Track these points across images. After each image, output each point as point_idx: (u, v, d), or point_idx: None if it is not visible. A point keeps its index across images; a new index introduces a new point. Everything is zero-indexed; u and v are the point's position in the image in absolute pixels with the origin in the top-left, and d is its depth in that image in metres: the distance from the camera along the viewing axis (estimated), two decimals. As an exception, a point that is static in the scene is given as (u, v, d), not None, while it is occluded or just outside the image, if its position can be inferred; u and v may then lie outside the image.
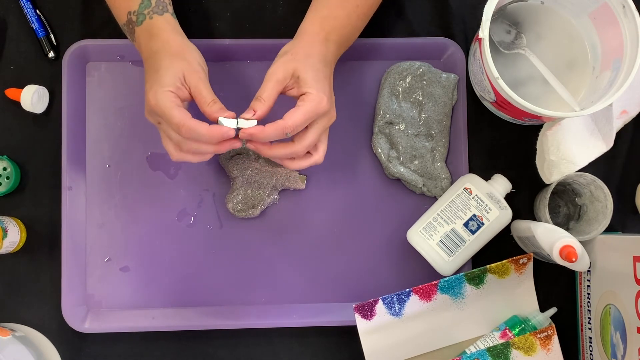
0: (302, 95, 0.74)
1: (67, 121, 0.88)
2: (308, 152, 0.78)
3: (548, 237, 0.77)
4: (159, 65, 0.74)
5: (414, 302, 0.84)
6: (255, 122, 0.73)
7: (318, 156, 0.78)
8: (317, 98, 0.73)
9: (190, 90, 0.74)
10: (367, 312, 0.84)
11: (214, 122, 0.73)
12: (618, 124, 0.88)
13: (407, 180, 0.89)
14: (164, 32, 0.76)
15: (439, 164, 0.89)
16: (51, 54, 0.90)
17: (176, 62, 0.74)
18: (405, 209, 0.90)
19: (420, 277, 0.89)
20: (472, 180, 0.86)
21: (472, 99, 0.91)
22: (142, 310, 0.89)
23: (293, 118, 0.72)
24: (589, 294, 0.87)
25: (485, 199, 0.85)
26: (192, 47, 0.78)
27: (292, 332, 0.89)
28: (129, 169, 0.90)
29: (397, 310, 0.84)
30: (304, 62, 0.75)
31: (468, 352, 0.84)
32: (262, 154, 0.77)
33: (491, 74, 0.77)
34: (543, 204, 0.85)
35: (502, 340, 0.83)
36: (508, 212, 0.86)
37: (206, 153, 0.75)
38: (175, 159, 0.76)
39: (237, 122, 0.73)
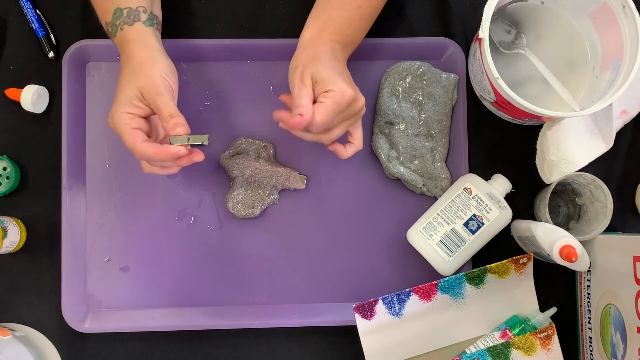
0: (324, 92, 0.73)
1: (67, 121, 0.88)
2: (349, 142, 0.80)
3: (548, 237, 0.77)
4: (121, 83, 0.75)
5: (414, 302, 0.84)
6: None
7: (357, 142, 0.80)
8: (339, 91, 0.72)
9: (150, 106, 0.74)
10: (367, 312, 0.84)
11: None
12: (618, 124, 0.88)
13: (407, 180, 0.89)
14: (130, 44, 0.76)
15: (439, 164, 0.89)
16: (51, 54, 0.90)
17: (135, 79, 0.74)
18: (405, 209, 0.90)
19: (420, 277, 0.89)
20: (472, 180, 0.86)
21: (472, 99, 0.91)
22: (142, 310, 0.89)
23: (320, 114, 0.72)
24: (589, 294, 0.87)
25: (485, 199, 0.85)
26: (156, 58, 0.76)
27: (292, 332, 0.89)
28: (129, 169, 0.90)
29: (397, 310, 0.84)
30: (315, 64, 0.74)
31: (468, 352, 0.84)
32: (341, 155, 0.79)
33: (491, 74, 0.77)
34: (543, 204, 0.85)
35: (502, 340, 0.83)
36: (508, 212, 0.86)
37: (170, 167, 0.77)
38: (146, 171, 0.78)
39: (188, 139, 0.74)
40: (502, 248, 0.89)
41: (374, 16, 0.83)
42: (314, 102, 0.74)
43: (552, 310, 0.86)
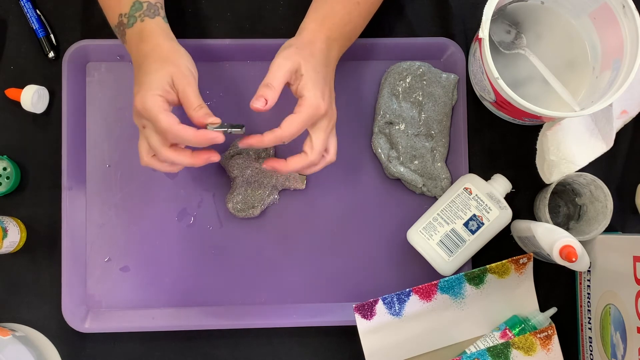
0: (300, 98, 0.74)
1: (67, 121, 0.88)
2: (304, 152, 0.78)
3: (548, 237, 0.77)
4: (149, 69, 0.74)
5: (414, 302, 0.84)
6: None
7: (330, 156, 0.79)
8: (314, 104, 0.73)
9: (178, 94, 0.74)
10: (367, 312, 0.84)
11: (200, 127, 0.73)
12: (618, 124, 0.88)
13: (407, 180, 0.89)
14: (155, 35, 0.76)
15: (439, 164, 0.89)
16: (51, 54, 0.90)
17: (165, 66, 0.74)
18: (405, 209, 0.90)
19: (420, 277, 0.89)
20: (472, 180, 0.86)
21: (472, 99, 0.91)
22: (142, 310, 0.89)
23: (290, 128, 0.73)
24: (589, 294, 0.87)
25: (485, 199, 0.85)
26: (182, 51, 0.77)
27: (292, 332, 0.89)
28: (129, 169, 0.90)
29: (397, 310, 0.84)
30: (307, 60, 0.75)
31: (468, 352, 0.84)
32: (281, 172, 0.77)
33: (491, 74, 0.77)
34: (543, 204, 0.85)
35: (502, 340, 0.83)
36: (508, 212, 0.86)
37: (180, 165, 0.75)
38: (143, 163, 0.76)
39: (228, 126, 0.74)
40: (502, 248, 0.89)
41: (371, 14, 0.83)
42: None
43: (552, 310, 0.86)
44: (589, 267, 0.83)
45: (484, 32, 0.77)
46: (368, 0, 0.81)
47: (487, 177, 0.87)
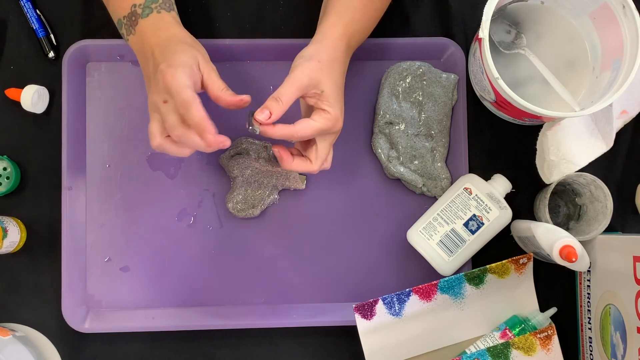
0: (320, 109, 0.75)
1: (67, 121, 0.88)
2: (307, 157, 0.80)
3: (548, 237, 0.77)
4: (176, 49, 0.74)
5: (414, 302, 0.84)
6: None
7: (327, 164, 0.81)
8: (334, 118, 0.75)
9: (203, 78, 0.74)
10: (367, 312, 0.84)
11: (229, 108, 0.74)
12: (618, 124, 0.88)
13: (407, 180, 0.89)
14: (174, 25, 0.78)
15: (439, 164, 0.89)
16: (51, 54, 0.90)
17: (191, 49, 0.75)
18: (405, 209, 0.90)
19: (420, 277, 0.89)
20: (472, 180, 0.86)
21: (472, 99, 0.91)
22: (142, 310, 0.89)
23: (304, 131, 0.74)
24: (589, 294, 0.87)
25: (485, 199, 0.85)
26: (198, 42, 0.79)
27: (292, 332, 0.89)
28: (129, 169, 0.90)
29: (397, 310, 0.84)
30: (328, 75, 0.75)
31: (468, 352, 0.84)
32: (283, 165, 0.78)
33: (491, 74, 0.77)
34: (543, 204, 0.85)
35: (502, 340, 0.83)
36: (508, 212, 0.86)
37: (192, 147, 0.74)
38: (155, 144, 0.74)
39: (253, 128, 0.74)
40: (502, 248, 0.89)
41: (378, 20, 0.84)
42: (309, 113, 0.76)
43: (552, 310, 0.86)
44: (589, 267, 0.83)
45: (484, 32, 0.77)
46: (382, 7, 0.82)
47: (487, 177, 0.87)
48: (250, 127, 0.74)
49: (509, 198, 0.88)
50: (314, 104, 0.76)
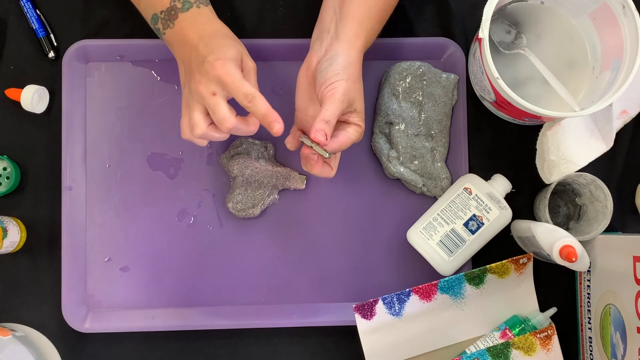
0: (353, 124, 0.78)
1: (67, 121, 0.88)
2: (326, 163, 0.82)
3: (548, 237, 0.77)
4: (223, 42, 0.75)
5: (414, 302, 0.84)
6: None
7: (333, 172, 0.83)
8: (362, 131, 0.79)
9: (243, 73, 0.75)
10: (367, 312, 0.84)
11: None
12: (618, 124, 0.88)
13: (407, 180, 0.89)
14: (215, 20, 0.79)
15: (439, 164, 0.89)
16: (51, 54, 0.90)
17: (237, 44, 0.77)
18: (405, 209, 0.90)
19: (420, 277, 0.89)
20: (472, 180, 0.86)
21: (472, 99, 0.91)
22: (142, 310, 0.89)
23: (347, 144, 0.78)
24: (589, 294, 0.87)
25: (485, 199, 0.85)
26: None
27: (292, 332, 0.89)
28: (129, 169, 0.90)
29: (397, 310, 0.84)
30: (359, 91, 0.78)
31: (468, 352, 0.84)
32: (312, 170, 0.79)
33: (491, 74, 0.77)
34: (543, 204, 0.85)
35: (502, 340, 0.83)
36: (508, 212, 0.86)
37: (239, 134, 0.78)
38: (199, 133, 0.75)
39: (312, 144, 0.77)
40: (502, 248, 0.89)
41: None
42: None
43: (552, 310, 0.86)
44: (589, 267, 0.83)
45: (484, 32, 0.77)
46: (390, 8, 0.83)
47: (487, 177, 0.87)
48: (310, 146, 0.77)
49: (509, 198, 0.88)
50: (345, 119, 0.78)
